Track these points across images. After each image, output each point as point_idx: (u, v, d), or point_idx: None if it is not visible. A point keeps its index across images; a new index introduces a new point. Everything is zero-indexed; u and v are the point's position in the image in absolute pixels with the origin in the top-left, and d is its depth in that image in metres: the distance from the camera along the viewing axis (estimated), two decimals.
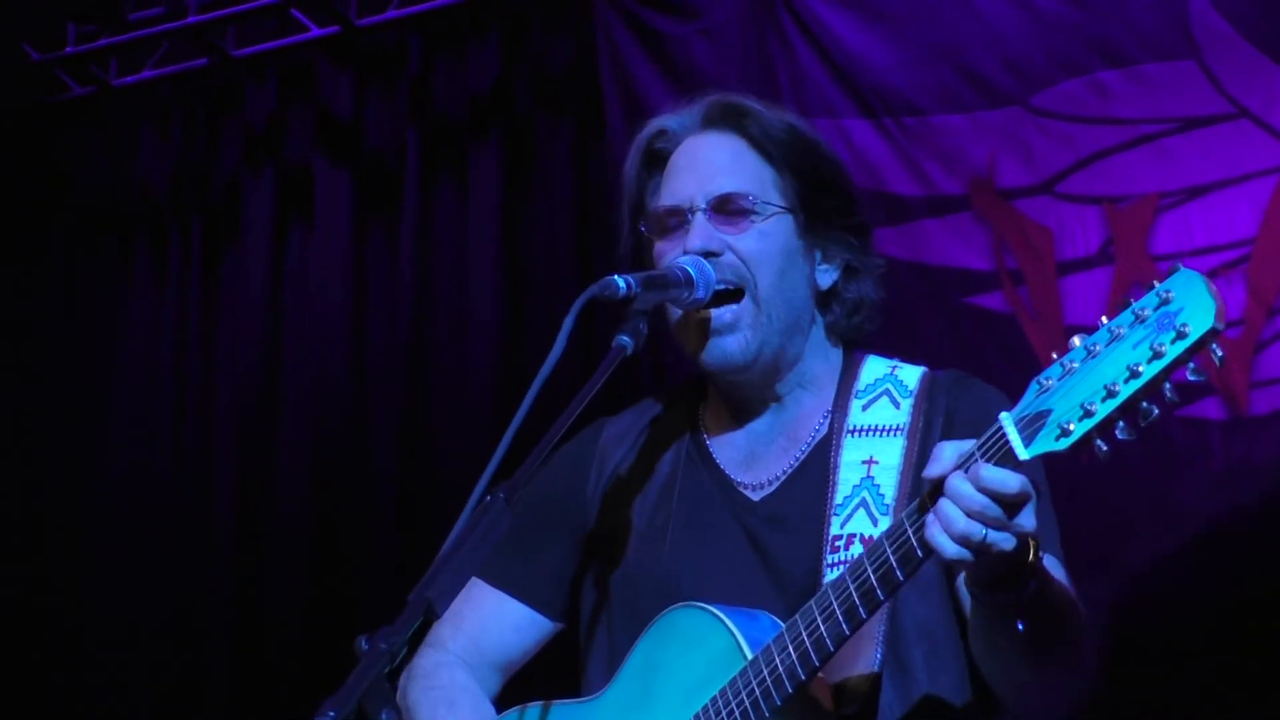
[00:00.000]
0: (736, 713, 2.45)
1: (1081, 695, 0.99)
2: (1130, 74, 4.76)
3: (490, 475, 2.25)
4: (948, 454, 2.21)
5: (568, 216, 5.64)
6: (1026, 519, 2.18)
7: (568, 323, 2.40)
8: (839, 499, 2.61)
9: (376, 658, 2.02)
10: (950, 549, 2.17)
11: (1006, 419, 2.18)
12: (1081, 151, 4.80)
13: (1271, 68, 4.61)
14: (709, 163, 2.72)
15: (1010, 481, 2.15)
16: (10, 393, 6.43)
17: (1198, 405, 4.56)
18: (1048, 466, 2.21)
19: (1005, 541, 2.17)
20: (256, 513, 6.02)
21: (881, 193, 5.01)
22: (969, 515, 2.15)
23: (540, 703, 2.79)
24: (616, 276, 2.54)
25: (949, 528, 2.17)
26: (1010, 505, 2.16)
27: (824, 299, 2.76)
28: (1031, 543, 2.24)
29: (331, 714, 1.93)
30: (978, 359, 4.59)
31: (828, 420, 2.72)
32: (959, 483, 2.17)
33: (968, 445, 2.20)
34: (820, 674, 2.43)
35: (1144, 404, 2.09)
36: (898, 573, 2.28)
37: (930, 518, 2.21)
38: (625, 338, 2.49)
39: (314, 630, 5.74)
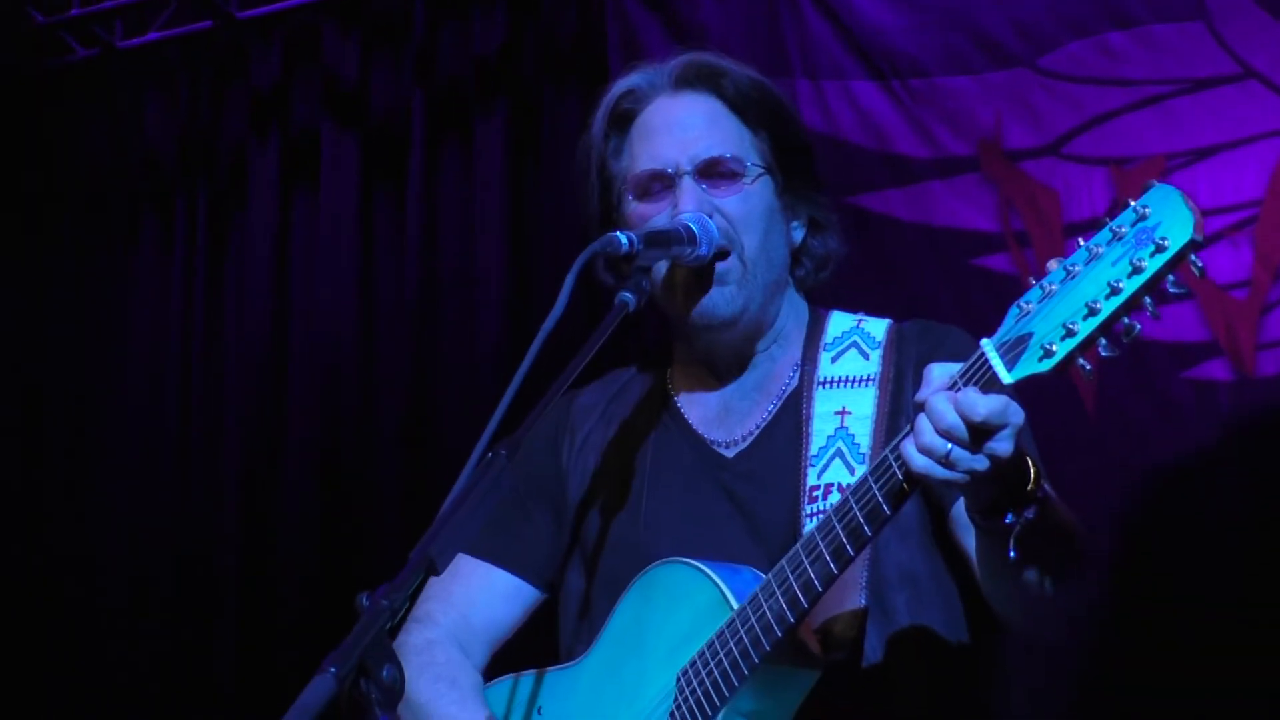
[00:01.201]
0: (725, 663, 2.44)
1: (1081, 621, 0.99)
2: (1137, 35, 4.72)
3: (491, 433, 2.24)
4: (936, 374, 2.21)
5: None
6: (1001, 444, 2.14)
7: (569, 280, 2.38)
8: (814, 450, 2.61)
9: (378, 614, 1.99)
10: (917, 461, 2.17)
11: (988, 345, 2.18)
12: (1088, 113, 4.77)
13: (1279, 29, 4.58)
14: (689, 125, 2.71)
15: (978, 408, 2.12)
16: (15, 360, 6.42)
17: (1205, 366, 4.54)
18: (1035, 390, 2.18)
19: (975, 462, 2.14)
20: (263, 481, 6.00)
21: (888, 154, 5.00)
22: (937, 431, 2.14)
23: (532, 671, 2.79)
24: (619, 233, 2.54)
25: (917, 439, 2.16)
26: (977, 430, 2.13)
27: (794, 255, 2.78)
28: (1032, 471, 2.23)
29: (332, 670, 1.90)
30: (983, 320, 4.56)
31: (797, 373, 2.73)
32: (935, 398, 2.16)
33: (957, 368, 2.20)
34: (806, 620, 2.42)
35: (1126, 320, 2.08)
36: (884, 507, 2.28)
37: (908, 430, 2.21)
38: (627, 294, 2.49)
39: (321, 601, 5.73)
